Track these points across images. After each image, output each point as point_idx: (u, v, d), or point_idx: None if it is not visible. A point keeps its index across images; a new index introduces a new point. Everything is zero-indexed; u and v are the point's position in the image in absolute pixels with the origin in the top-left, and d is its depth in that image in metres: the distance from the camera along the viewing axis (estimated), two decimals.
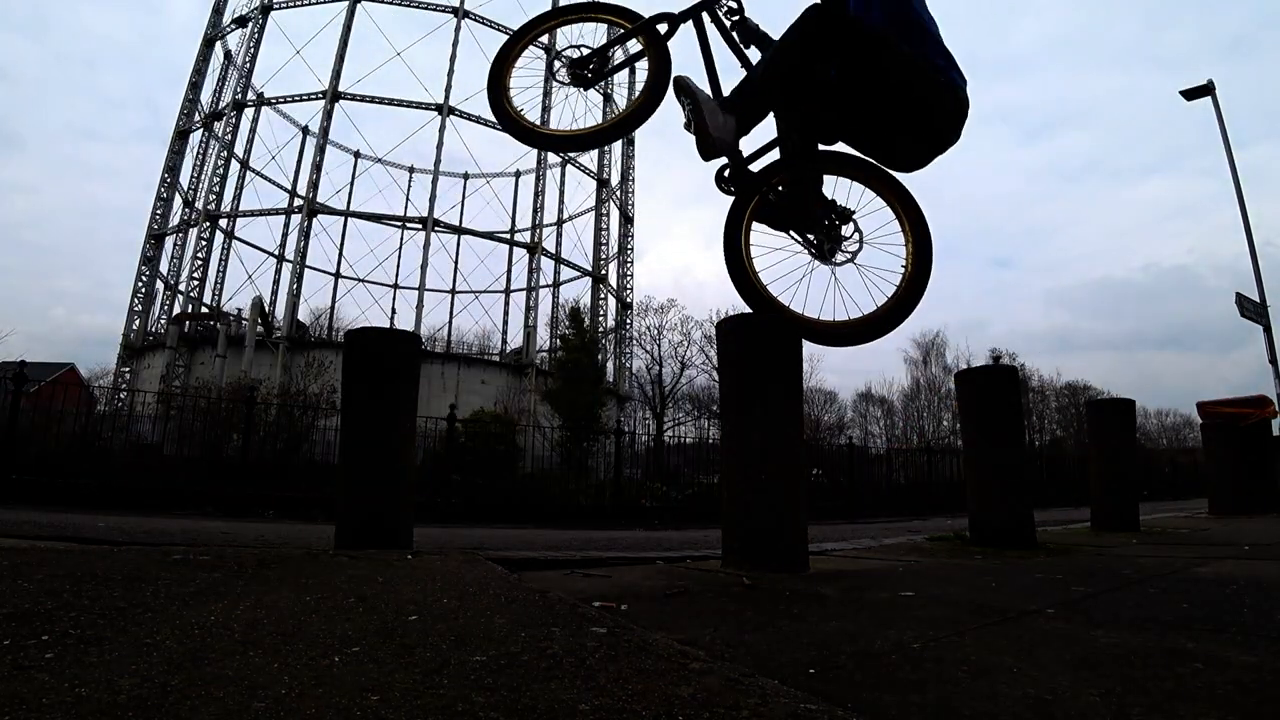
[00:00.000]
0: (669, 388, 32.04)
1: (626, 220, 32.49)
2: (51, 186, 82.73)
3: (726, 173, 2.72)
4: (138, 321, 26.40)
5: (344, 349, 2.96)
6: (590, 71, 2.88)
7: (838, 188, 2.77)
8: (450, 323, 32.89)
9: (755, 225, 2.77)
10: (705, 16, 2.83)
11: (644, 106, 2.78)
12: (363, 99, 26.69)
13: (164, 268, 27.62)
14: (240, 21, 28.27)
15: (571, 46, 2.94)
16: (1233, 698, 1.04)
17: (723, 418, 2.60)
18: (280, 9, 28.03)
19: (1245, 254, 13.82)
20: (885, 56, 2.43)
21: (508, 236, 29.97)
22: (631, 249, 32.72)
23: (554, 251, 30.58)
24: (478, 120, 27.33)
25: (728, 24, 2.89)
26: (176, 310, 27.03)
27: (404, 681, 1.01)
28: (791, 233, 2.73)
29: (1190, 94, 14.51)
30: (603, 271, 30.20)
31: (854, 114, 2.58)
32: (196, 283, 26.62)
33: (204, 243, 26.52)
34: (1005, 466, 3.36)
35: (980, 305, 69.38)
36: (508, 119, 2.84)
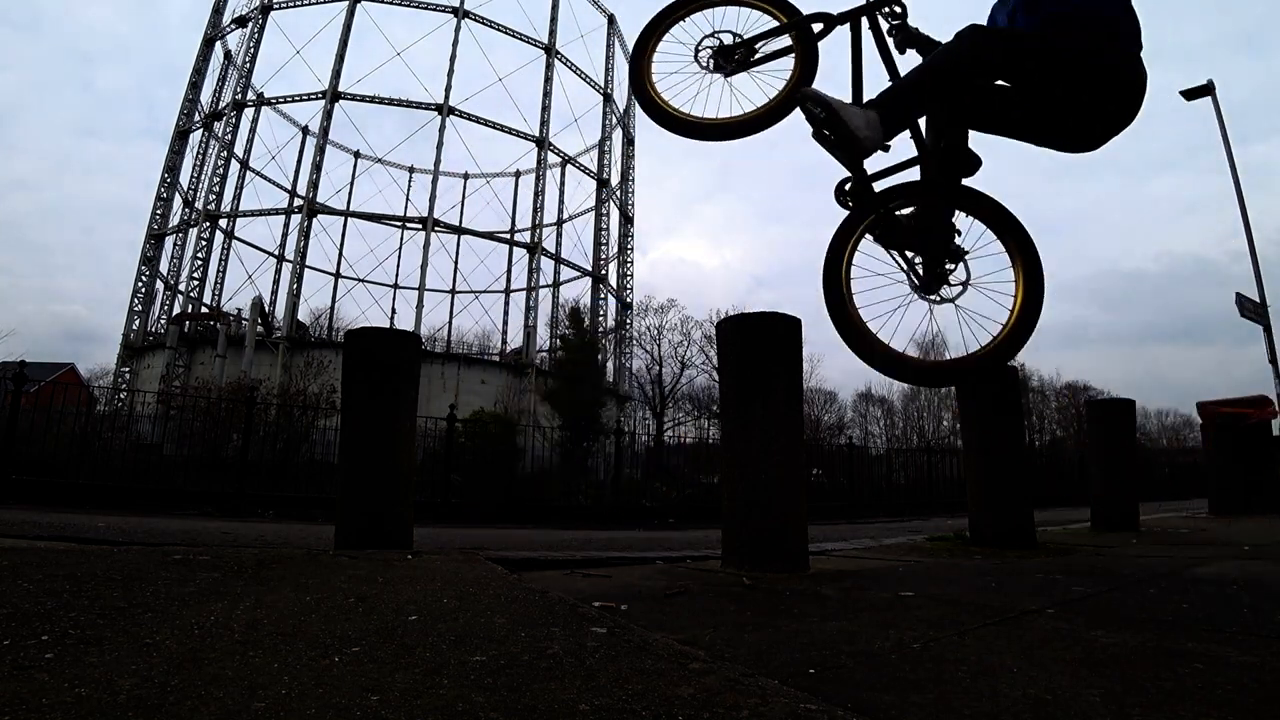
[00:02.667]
0: (669, 388, 32.04)
1: (626, 220, 32.49)
2: (51, 185, 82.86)
3: (848, 186, 2.59)
4: (138, 321, 26.41)
5: (344, 349, 2.96)
6: (733, 61, 2.72)
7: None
8: (450, 323, 32.94)
9: (859, 250, 2.66)
10: (864, 20, 2.69)
11: (781, 106, 2.66)
12: (363, 99, 26.69)
13: (164, 268, 27.63)
14: (240, 21, 28.27)
15: (713, 34, 2.80)
16: (1232, 698, 1.04)
17: (723, 418, 2.60)
18: (280, 9, 28.03)
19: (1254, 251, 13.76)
20: (1047, 60, 2.35)
21: (508, 236, 29.97)
22: (631, 249, 32.76)
23: (554, 251, 30.58)
24: (478, 120, 27.33)
25: (886, 27, 2.73)
26: (176, 310, 27.03)
27: (404, 681, 1.01)
28: (900, 256, 2.65)
29: (1190, 94, 14.46)
30: (603, 271, 30.21)
31: (1020, 113, 2.51)
32: (196, 283, 26.62)
33: (204, 243, 26.52)
34: (1005, 467, 3.35)
35: None
36: (650, 103, 2.80)
